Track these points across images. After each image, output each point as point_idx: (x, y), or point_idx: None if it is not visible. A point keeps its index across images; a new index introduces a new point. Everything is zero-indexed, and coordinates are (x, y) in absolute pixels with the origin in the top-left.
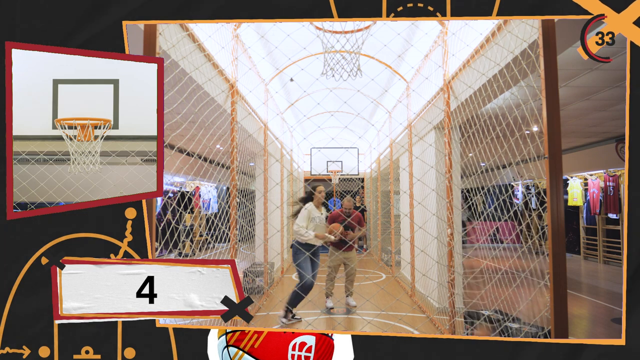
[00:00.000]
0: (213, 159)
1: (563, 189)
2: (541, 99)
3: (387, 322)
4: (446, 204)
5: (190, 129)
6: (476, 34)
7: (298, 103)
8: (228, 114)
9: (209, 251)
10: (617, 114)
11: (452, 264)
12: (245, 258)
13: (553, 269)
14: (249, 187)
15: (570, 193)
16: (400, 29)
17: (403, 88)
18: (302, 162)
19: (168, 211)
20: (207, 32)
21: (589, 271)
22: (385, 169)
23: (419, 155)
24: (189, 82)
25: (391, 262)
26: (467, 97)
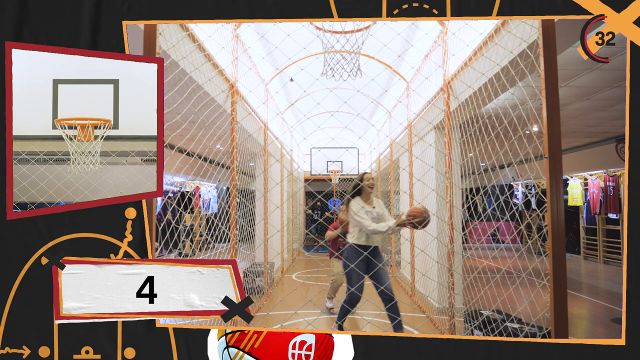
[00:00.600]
0: (213, 159)
1: (563, 189)
2: (541, 99)
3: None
4: (446, 204)
5: (190, 129)
6: (476, 34)
7: (298, 103)
8: (228, 114)
9: (209, 251)
10: (617, 114)
11: (452, 264)
12: (245, 258)
13: (553, 269)
14: (249, 187)
15: (570, 193)
16: (400, 29)
17: (403, 88)
18: (302, 162)
19: (168, 211)
20: (207, 32)
21: (589, 271)
22: (385, 169)
23: (419, 155)
24: (189, 82)
25: (391, 262)
26: (467, 97)
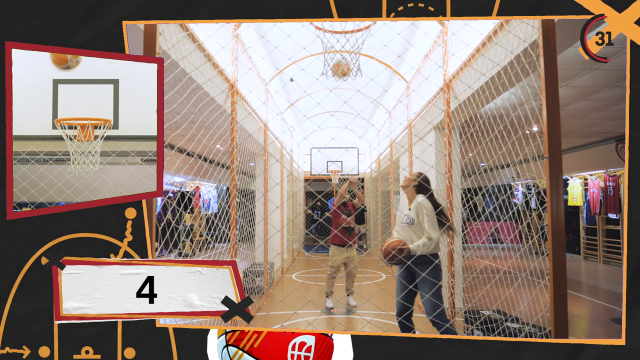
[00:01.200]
0: (213, 159)
1: (563, 189)
2: (541, 99)
3: (387, 322)
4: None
5: (190, 129)
6: (476, 34)
7: (298, 103)
8: (228, 114)
9: (209, 251)
10: (617, 114)
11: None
12: (245, 258)
13: (553, 269)
14: (249, 187)
15: (570, 193)
16: (400, 29)
17: (403, 88)
18: (302, 162)
19: (168, 211)
20: (207, 32)
21: (589, 271)
22: (385, 169)
23: (419, 155)
24: (189, 82)
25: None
26: (467, 97)
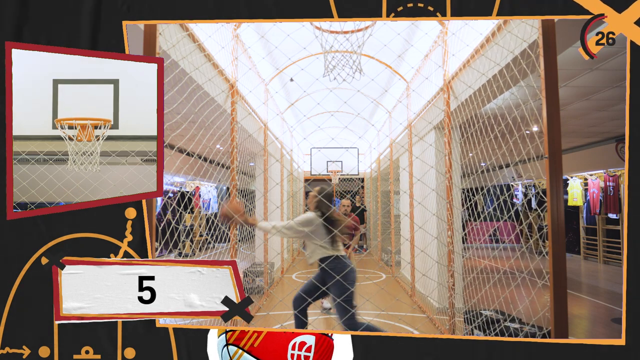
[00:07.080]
0: (213, 159)
1: (563, 189)
2: (541, 99)
3: (387, 322)
4: (446, 204)
5: (190, 129)
6: (476, 34)
7: (298, 103)
8: (228, 114)
9: (209, 251)
10: (617, 114)
11: (452, 264)
12: (245, 258)
13: (553, 269)
14: (249, 187)
15: (570, 193)
16: (400, 29)
17: (403, 88)
18: (302, 162)
19: (168, 211)
20: (207, 32)
21: (589, 271)
22: (385, 169)
23: (419, 155)
24: (189, 82)
25: (391, 262)
26: (467, 97)
